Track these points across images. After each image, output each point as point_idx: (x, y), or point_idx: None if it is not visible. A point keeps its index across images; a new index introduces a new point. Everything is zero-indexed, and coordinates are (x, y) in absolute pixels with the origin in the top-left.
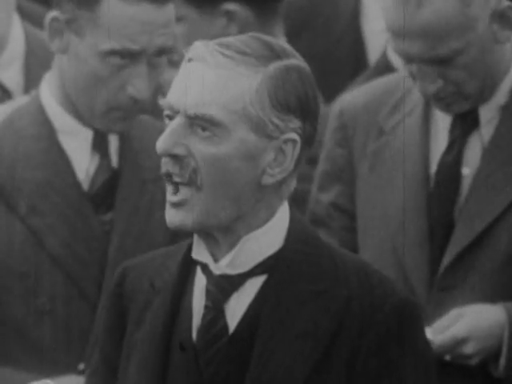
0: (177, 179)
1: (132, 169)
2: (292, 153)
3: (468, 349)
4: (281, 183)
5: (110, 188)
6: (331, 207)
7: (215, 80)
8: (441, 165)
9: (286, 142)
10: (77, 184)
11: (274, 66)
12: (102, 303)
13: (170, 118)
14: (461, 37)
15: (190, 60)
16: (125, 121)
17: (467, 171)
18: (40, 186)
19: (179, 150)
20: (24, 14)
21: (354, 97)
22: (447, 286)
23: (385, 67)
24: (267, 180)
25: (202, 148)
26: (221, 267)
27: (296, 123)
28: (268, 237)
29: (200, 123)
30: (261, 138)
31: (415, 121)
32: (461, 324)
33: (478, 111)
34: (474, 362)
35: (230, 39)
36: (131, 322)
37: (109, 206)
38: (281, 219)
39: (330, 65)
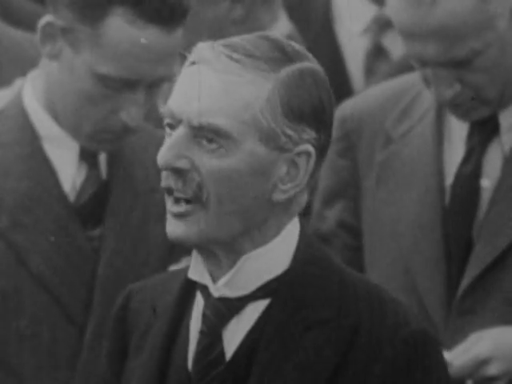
0: (179, 195)
1: (123, 180)
2: (306, 166)
3: (492, 370)
4: (291, 199)
5: (99, 201)
6: (335, 224)
7: (222, 86)
8: (458, 176)
9: (299, 154)
10: (62, 196)
11: (287, 71)
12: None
13: (172, 127)
14: (479, 36)
15: (193, 63)
16: (112, 142)
17: (487, 183)
18: (22, 198)
19: (182, 164)
20: (9, 13)
21: (357, 102)
22: (466, 310)
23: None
24: (279, 196)
25: (207, 161)
26: (219, 288)
27: (310, 133)
28: (272, 256)
29: (205, 134)
30: (272, 150)
31: (427, 128)
32: (482, 344)
33: (498, 117)
34: None
35: (236, 40)
36: (132, 348)
37: (97, 221)
38: (288, 238)
39: None
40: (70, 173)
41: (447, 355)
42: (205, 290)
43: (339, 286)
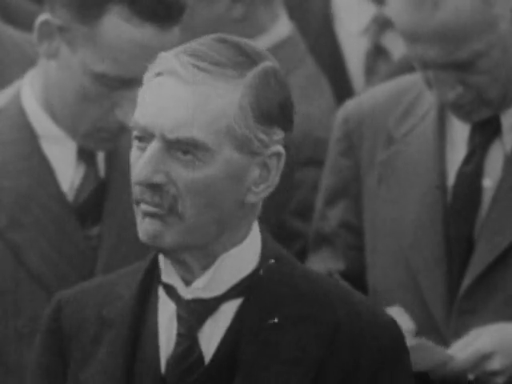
0: (155, 209)
1: (121, 179)
2: (277, 167)
3: (494, 364)
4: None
5: (97, 200)
6: (337, 224)
7: (195, 98)
8: (459, 176)
9: (270, 156)
10: (61, 195)
11: (253, 74)
12: (37, 341)
13: (141, 140)
14: (481, 38)
15: (158, 74)
16: (109, 141)
17: (488, 183)
18: (20, 197)
19: (159, 178)
20: (7, 12)
21: (359, 102)
22: (468, 309)
23: (408, 67)
24: (251, 198)
25: (183, 173)
26: (194, 290)
27: (279, 134)
28: (244, 256)
29: (181, 147)
30: (246, 155)
31: (429, 127)
32: (484, 339)
33: (500, 118)
34: (501, 380)
35: (197, 47)
36: (75, 359)
37: (95, 220)
38: (254, 238)
39: None
40: (68, 172)
41: (448, 351)
42: (173, 292)
43: (308, 283)
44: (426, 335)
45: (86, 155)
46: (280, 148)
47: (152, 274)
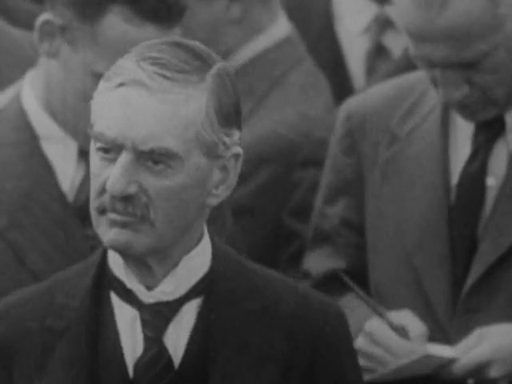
0: (127, 219)
1: None
2: (235, 167)
3: (493, 372)
4: None
5: None
6: (338, 222)
7: (166, 108)
8: (463, 175)
9: (229, 158)
10: (61, 195)
11: (211, 77)
12: None
13: (107, 151)
14: (488, 38)
15: (120, 85)
16: None
17: (492, 181)
18: (21, 198)
19: (132, 189)
20: (6, 12)
21: (362, 100)
22: (471, 308)
23: (407, 65)
24: (212, 201)
25: (155, 182)
26: (157, 294)
27: (237, 134)
28: (200, 257)
29: (152, 157)
30: (211, 160)
31: (433, 126)
32: (484, 346)
33: (504, 117)
34: None
35: (156, 54)
36: (22, 373)
37: None
38: (206, 238)
39: None
40: (68, 172)
41: (450, 351)
42: (133, 297)
43: (260, 277)
44: (430, 334)
45: (86, 155)
46: (239, 149)
47: (101, 280)
